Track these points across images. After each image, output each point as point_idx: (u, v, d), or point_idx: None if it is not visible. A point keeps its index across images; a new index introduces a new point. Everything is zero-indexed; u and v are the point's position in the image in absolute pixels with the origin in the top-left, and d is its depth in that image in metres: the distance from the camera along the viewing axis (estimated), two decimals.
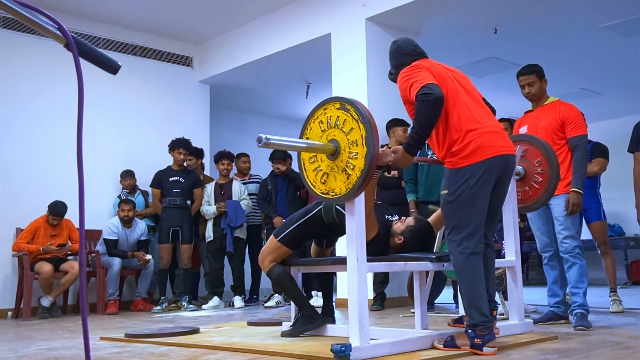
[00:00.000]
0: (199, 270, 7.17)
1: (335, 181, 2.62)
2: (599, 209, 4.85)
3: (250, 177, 7.17)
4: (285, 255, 3.36)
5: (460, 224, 2.72)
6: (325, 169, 2.68)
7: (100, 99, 7.01)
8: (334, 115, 2.66)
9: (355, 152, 2.55)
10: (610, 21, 6.38)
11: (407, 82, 2.76)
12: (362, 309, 2.55)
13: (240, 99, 8.91)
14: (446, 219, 2.79)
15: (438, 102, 2.62)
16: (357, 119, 2.56)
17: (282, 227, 3.41)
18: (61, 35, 1.09)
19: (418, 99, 2.64)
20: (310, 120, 2.77)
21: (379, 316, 4.80)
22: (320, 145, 2.66)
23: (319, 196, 2.73)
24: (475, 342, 2.65)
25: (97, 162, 6.83)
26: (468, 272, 2.71)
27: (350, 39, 6.19)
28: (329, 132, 2.67)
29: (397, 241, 3.20)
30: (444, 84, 2.79)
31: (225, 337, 3.45)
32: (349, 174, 2.56)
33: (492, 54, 7.27)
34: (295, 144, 2.68)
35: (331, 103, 2.69)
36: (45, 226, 6.04)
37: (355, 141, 2.55)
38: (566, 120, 3.84)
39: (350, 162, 2.56)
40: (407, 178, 5.35)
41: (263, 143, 2.44)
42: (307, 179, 2.77)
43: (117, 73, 1.17)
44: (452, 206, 2.74)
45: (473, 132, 2.74)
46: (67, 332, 4.35)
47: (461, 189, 2.71)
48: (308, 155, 2.77)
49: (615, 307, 4.61)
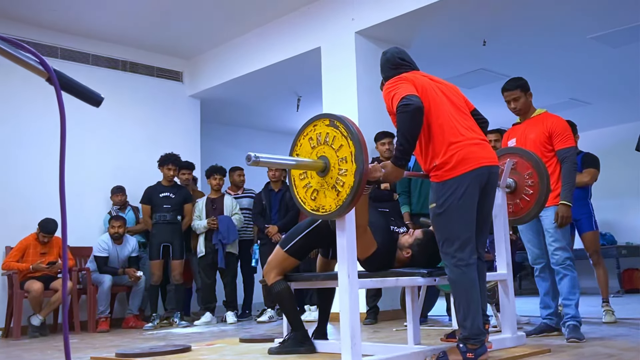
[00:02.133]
0: (192, 286, 7.13)
1: (325, 198, 2.62)
2: (590, 219, 4.86)
3: (244, 192, 7.15)
4: (292, 267, 3.32)
5: (451, 236, 2.73)
6: (315, 185, 2.67)
7: (90, 115, 6.95)
8: (323, 132, 2.66)
9: (344, 169, 2.54)
10: (599, 32, 6.43)
11: (389, 94, 2.81)
12: (354, 325, 2.53)
13: (231, 113, 8.91)
14: (437, 232, 2.80)
15: (417, 112, 2.65)
16: (346, 136, 2.56)
17: (288, 237, 3.35)
18: (43, 70, 1.08)
19: (398, 111, 2.67)
20: (300, 137, 2.77)
21: (372, 330, 4.78)
22: (309, 162, 2.66)
23: (309, 213, 2.72)
24: (467, 356, 2.64)
25: (87, 178, 6.80)
26: (463, 284, 2.71)
27: (340, 53, 6.21)
28: (319, 148, 2.67)
29: (405, 255, 3.17)
30: (427, 95, 2.82)
31: (217, 355, 3.42)
32: (339, 191, 2.55)
33: (481, 65, 7.31)
34: (285, 161, 2.68)
35: (321, 120, 2.69)
36: (35, 244, 5.99)
37: (345, 158, 2.55)
38: (553, 132, 3.85)
39: (339, 179, 2.56)
40: (400, 190, 5.35)
41: (252, 161, 2.44)
42: (297, 195, 2.76)
43: (100, 106, 1.16)
44: (442, 218, 2.75)
45: (456, 144, 2.77)
46: (57, 351, 4.30)
47: (449, 201, 2.73)
48: (298, 172, 2.76)
49: (608, 317, 4.61)
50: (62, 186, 1.05)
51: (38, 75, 1.10)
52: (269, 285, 3.30)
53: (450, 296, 4.81)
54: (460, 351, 2.66)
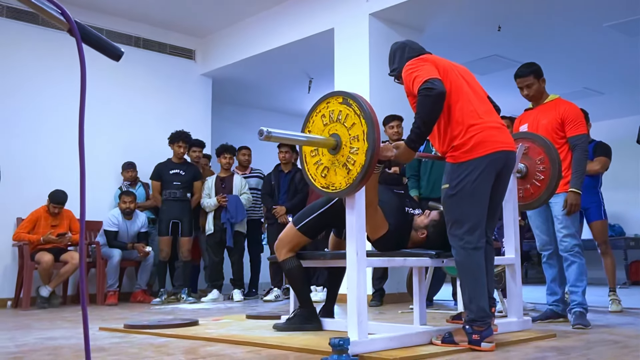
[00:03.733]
0: (199, 263, 7.19)
1: (335, 175, 2.63)
2: (599, 208, 4.83)
3: (251, 171, 7.17)
4: (303, 244, 3.33)
5: (462, 218, 2.73)
6: (326, 163, 2.68)
7: (103, 91, 7.00)
8: (336, 110, 2.66)
9: (356, 147, 2.55)
10: (615, 20, 6.36)
11: (411, 75, 2.78)
12: (361, 303, 2.55)
13: (242, 93, 8.91)
14: (447, 213, 2.80)
15: (440, 98, 2.64)
16: (359, 114, 2.56)
17: (302, 215, 3.35)
18: (64, 21, 1.08)
19: (420, 94, 2.65)
20: (312, 114, 2.78)
21: (378, 312, 4.81)
22: (321, 140, 2.66)
23: (319, 190, 2.73)
24: (473, 338, 2.66)
25: (99, 154, 6.83)
26: (470, 267, 2.72)
27: (353, 35, 6.18)
28: (331, 126, 2.67)
29: (420, 236, 3.16)
30: (448, 78, 2.80)
31: (224, 330, 3.46)
32: (350, 169, 2.56)
33: (495, 51, 7.26)
34: (297, 137, 2.68)
35: (334, 97, 2.69)
36: (46, 216, 6.05)
37: (357, 136, 2.55)
38: (566, 119, 3.83)
39: (351, 157, 2.56)
40: (410, 174, 5.35)
41: (264, 136, 2.45)
42: (308, 172, 2.78)
43: (120, 60, 1.17)
44: (454, 200, 2.75)
45: (475, 126, 2.75)
46: (66, 322, 4.36)
47: (462, 183, 2.72)
48: (309, 149, 2.77)
49: (614, 306, 4.62)
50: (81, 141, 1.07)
51: (59, 26, 1.10)
52: (280, 261, 3.32)
53: (457, 280, 4.84)
54: (466, 332, 2.68)
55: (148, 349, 2.83)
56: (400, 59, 3.00)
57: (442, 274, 5.21)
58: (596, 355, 2.54)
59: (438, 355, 2.55)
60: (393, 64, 3.07)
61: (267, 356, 2.58)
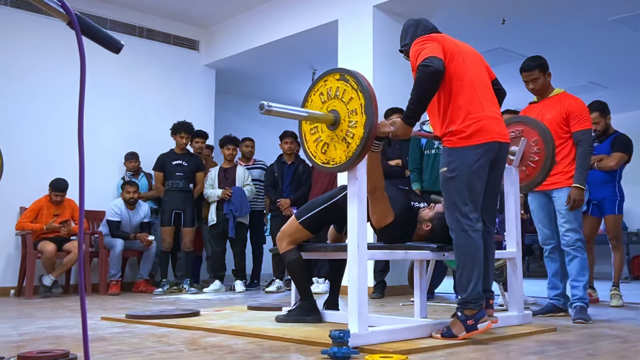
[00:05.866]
0: (202, 254, 7.20)
1: (335, 150, 2.67)
2: (614, 202, 4.83)
3: (254, 163, 7.17)
4: (304, 239, 3.32)
5: (460, 201, 2.76)
6: (325, 139, 2.72)
7: (106, 81, 7.00)
8: (334, 87, 2.71)
9: (354, 120, 2.59)
10: (620, 14, 6.33)
11: (417, 51, 2.81)
12: (362, 295, 2.55)
13: (246, 84, 8.90)
14: (446, 196, 2.83)
15: (436, 76, 2.68)
16: (356, 89, 2.61)
17: (305, 209, 3.36)
18: (64, 13, 1.08)
19: (418, 69, 2.70)
20: (311, 93, 2.82)
21: (379, 304, 4.82)
22: (320, 115, 2.71)
23: (320, 166, 2.77)
24: (468, 324, 2.68)
25: (102, 144, 6.84)
26: (468, 248, 2.75)
27: (357, 26, 6.16)
28: (329, 102, 2.72)
29: (425, 228, 3.16)
30: (454, 60, 2.83)
31: (225, 321, 3.47)
32: (349, 143, 2.60)
33: (499, 44, 7.23)
34: (296, 112, 2.71)
35: (331, 74, 2.74)
36: (49, 205, 6.06)
37: (355, 110, 2.59)
38: (571, 114, 3.82)
39: (350, 131, 2.60)
40: (412, 167, 5.34)
41: (265, 110, 2.47)
42: (308, 150, 2.82)
43: (119, 52, 1.16)
44: (452, 182, 2.79)
45: (474, 114, 2.80)
46: (69, 311, 4.39)
47: (460, 167, 2.76)
48: (309, 127, 2.81)
49: (615, 301, 4.62)
50: (80, 132, 1.07)
51: (59, 19, 1.10)
52: (281, 253, 3.32)
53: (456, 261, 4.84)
54: (460, 320, 2.70)
55: (149, 339, 2.84)
56: (412, 36, 3.02)
57: (443, 267, 5.21)
58: (595, 350, 2.54)
59: (438, 348, 2.56)
60: (405, 40, 3.09)
61: (268, 347, 2.59)
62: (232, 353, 2.44)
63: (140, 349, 2.56)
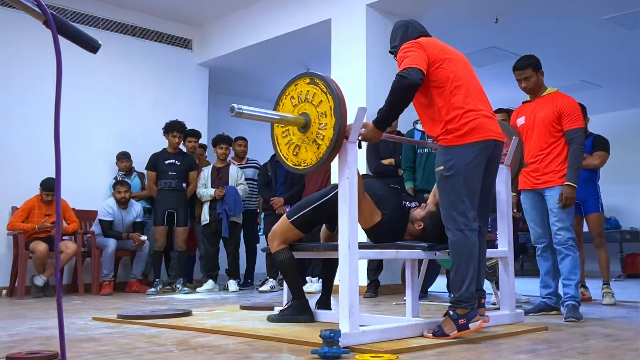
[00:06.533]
0: (195, 253, 7.18)
1: (306, 152, 2.71)
2: (597, 201, 4.87)
3: (248, 162, 7.16)
4: (295, 238, 3.30)
5: (456, 200, 2.75)
6: (296, 141, 2.77)
7: (99, 80, 6.98)
8: (304, 90, 2.75)
9: (324, 123, 2.63)
10: (613, 13, 6.34)
11: (401, 58, 2.81)
12: (353, 295, 2.54)
13: (239, 83, 8.87)
14: (443, 194, 2.81)
15: (410, 88, 2.68)
16: (325, 92, 2.65)
17: (296, 208, 3.34)
18: (40, 12, 1.07)
19: (395, 78, 2.69)
20: (282, 97, 2.87)
21: (372, 303, 4.81)
22: (292, 118, 2.75)
23: (291, 168, 2.80)
24: (460, 323, 2.68)
25: (94, 143, 6.82)
26: (465, 248, 2.73)
27: (350, 25, 6.15)
28: (300, 106, 2.76)
29: (416, 227, 3.16)
30: (446, 64, 2.83)
31: (217, 321, 3.46)
32: (319, 144, 2.64)
33: (492, 43, 7.23)
34: (267, 115, 2.74)
35: (301, 79, 2.79)
36: (40, 205, 6.04)
37: (325, 112, 2.64)
38: (563, 112, 3.82)
39: (320, 133, 2.64)
40: (405, 166, 5.34)
41: (235, 112, 2.49)
42: (280, 152, 2.86)
43: (97, 52, 1.15)
44: (448, 181, 2.77)
45: (471, 112, 2.79)
46: None
47: (457, 165, 2.75)
48: (280, 131, 2.86)
49: (607, 299, 4.63)
50: (57, 132, 1.05)
51: (35, 18, 1.08)
52: (272, 253, 3.31)
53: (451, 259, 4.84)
54: (452, 319, 2.70)
55: (139, 340, 2.82)
56: (401, 38, 3.02)
57: (437, 265, 5.20)
58: (586, 349, 2.54)
59: (429, 347, 2.55)
60: (394, 42, 3.08)
61: (259, 347, 2.58)
62: (222, 353, 2.43)
63: (130, 350, 2.54)
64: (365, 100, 5.77)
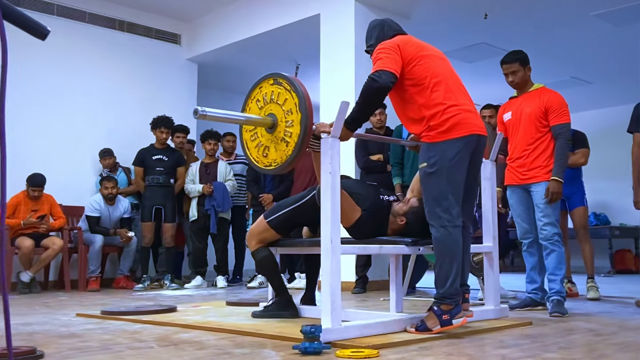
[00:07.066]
0: (183, 249, 7.15)
1: (276, 152, 2.74)
2: (582, 195, 4.93)
3: (236, 158, 7.13)
4: (272, 239, 3.29)
5: (440, 196, 2.74)
6: (265, 142, 2.79)
7: (86, 75, 6.93)
8: (268, 91, 2.79)
9: (290, 120, 2.66)
10: (602, 9, 6.34)
11: (375, 59, 2.81)
12: (335, 290, 2.53)
13: (228, 79, 8.83)
14: (426, 191, 2.81)
15: (380, 91, 2.68)
16: (289, 89, 2.69)
17: (274, 209, 3.33)
18: None
19: (367, 81, 2.69)
20: (248, 101, 2.90)
21: (360, 299, 4.81)
22: (258, 119, 2.77)
23: (263, 170, 2.84)
24: (443, 319, 2.68)
25: (81, 138, 6.77)
26: (449, 245, 2.73)
27: (339, 20, 6.13)
28: (266, 107, 2.79)
29: (399, 222, 3.13)
30: (423, 61, 2.82)
31: (201, 316, 3.44)
32: (288, 142, 2.67)
33: (482, 39, 7.22)
34: (233, 117, 2.74)
35: (265, 80, 2.83)
36: (26, 201, 5.99)
37: (290, 110, 2.67)
38: (549, 108, 3.83)
39: (287, 131, 2.67)
40: (394, 162, 5.34)
41: (199, 115, 2.47)
42: (251, 156, 2.89)
43: (45, 39, 1.12)
44: (431, 178, 2.76)
45: (452, 108, 2.78)
46: (45, 307, 4.33)
47: (440, 162, 2.74)
48: (249, 135, 2.88)
49: (592, 293, 4.65)
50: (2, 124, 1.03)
51: None
52: (251, 252, 3.32)
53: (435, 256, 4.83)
54: (436, 315, 2.69)
55: (121, 336, 2.80)
56: (377, 38, 3.01)
57: (424, 261, 5.21)
58: (569, 343, 2.54)
59: (412, 342, 2.54)
60: (370, 40, 3.08)
61: (240, 343, 2.56)
62: (203, 349, 2.41)
63: (110, 346, 2.52)
64: (354, 95, 5.75)
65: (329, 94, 6.11)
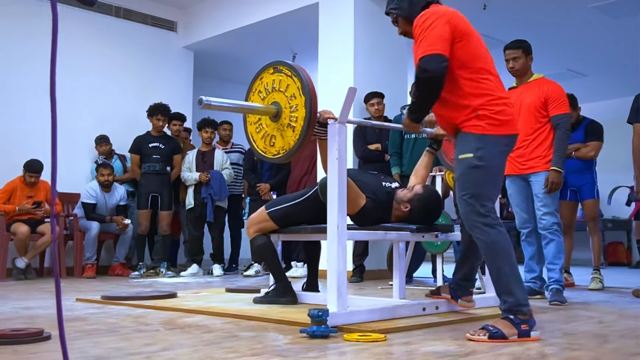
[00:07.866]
0: (179, 237, 7.14)
1: (282, 139, 2.73)
2: (593, 187, 4.95)
3: (233, 146, 7.11)
4: (270, 230, 3.30)
5: (484, 193, 2.40)
6: (271, 132, 2.78)
7: (81, 61, 6.87)
8: (270, 81, 2.77)
9: (295, 104, 2.65)
10: (600, 1, 6.36)
11: (421, 34, 2.39)
12: (341, 275, 2.54)
13: (225, 67, 8.80)
14: (468, 184, 2.40)
15: (433, 81, 2.35)
16: (290, 75, 2.68)
17: (276, 202, 3.35)
18: None
19: (417, 72, 2.37)
20: (250, 94, 2.88)
21: (358, 288, 4.82)
22: (262, 108, 2.75)
23: (272, 159, 2.83)
24: (522, 328, 2.33)
25: (76, 124, 6.72)
26: (502, 244, 2.36)
27: (337, 9, 6.11)
28: (269, 97, 2.78)
29: (403, 209, 3.08)
30: (473, 39, 2.47)
31: (203, 302, 3.44)
32: (294, 126, 2.65)
33: (480, 31, 7.07)
34: (237, 105, 2.73)
35: (265, 71, 2.82)
36: (22, 187, 5.95)
37: (293, 95, 2.66)
38: (549, 98, 3.85)
39: (293, 116, 2.66)
40: (392, 151, 5.34)
41: (204, 104, 2.47)
42: (257, 148, 2.87)
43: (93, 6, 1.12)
44: (478, 172, 2.39)
45: (504, 99, 2.45)
46: (43, 292, 4.32)
47: (488, 156, 2.39)
48: (254, 127, 2.87)
49: (593, 284, 4.69)
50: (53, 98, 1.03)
51: None
52: (250, 239, 3.34)
53: (436, 258, 4.86)
54: (514, 324, 2.32)
55: (126, 319, 2.80)
56: (410, 3, 2.53)
57: (422, 250, 5.23)
58: (572, 330, 2.56)
59: (417, 327, 2.56)
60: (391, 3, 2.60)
61: (246, 327, 2.57)
62: (209, 332, 2.42)
63: (117, 329, 2.52)
64: (353, 85, 5.75)
65: (326, 85, 6.09)
